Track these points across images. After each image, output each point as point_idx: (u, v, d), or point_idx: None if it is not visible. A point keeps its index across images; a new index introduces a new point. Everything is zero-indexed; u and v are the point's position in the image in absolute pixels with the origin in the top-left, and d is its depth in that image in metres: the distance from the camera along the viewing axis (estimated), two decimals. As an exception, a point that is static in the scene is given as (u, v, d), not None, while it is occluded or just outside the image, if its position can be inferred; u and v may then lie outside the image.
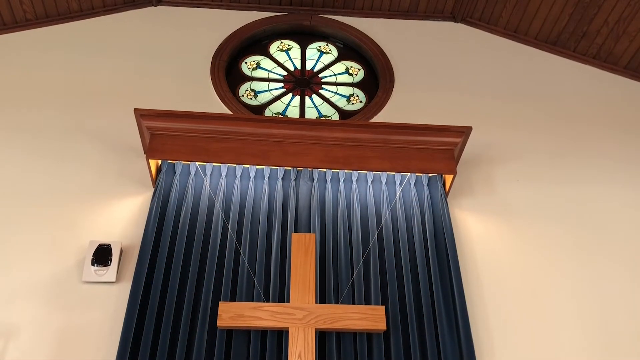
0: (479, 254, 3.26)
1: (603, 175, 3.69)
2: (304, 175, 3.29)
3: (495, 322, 3.03)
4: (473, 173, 3.61)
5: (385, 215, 3.17)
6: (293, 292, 2.80)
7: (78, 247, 3.09)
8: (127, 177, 3.38)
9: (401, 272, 3.01)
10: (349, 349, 2.73)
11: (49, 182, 3.32)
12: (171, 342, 2.71)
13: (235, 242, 3.01)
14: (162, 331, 2.70)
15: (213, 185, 3.21)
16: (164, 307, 2.79)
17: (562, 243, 3.35)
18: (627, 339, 3.04)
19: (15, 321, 2.83)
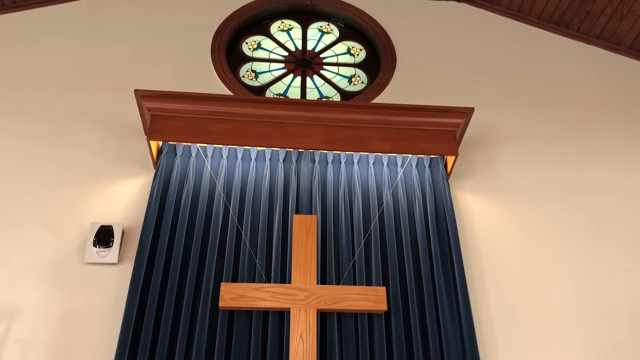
0: (480, 236, 3.26)
1: (606, 156, 3.68)
2: (305, 157, 3.28)
3: (495, 303, 3.04)
4: (475, 154, 3.60)
5: (387, 197, 3.17)
6: (294, 273, 2.81)
7: (80, 229, 3.10)
8: (128, 158, 3.38)
9: (402, 254, 3.02)
10: (350, 330, 2.75)
11: (50, 164, 3.32)
12: (173, 323, 2.73)
13: (237, 224, 3.01)
14: (164, 312, 2.71)
15: (214, 167, 3.21)
16: (166, 288, 2.80)
17: (563, 224, 3.36)
18: (626, 318, 3.05)
19: (18, 302, 2.84)
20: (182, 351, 2.62)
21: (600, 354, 2.94)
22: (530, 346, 2.93)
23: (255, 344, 2.66)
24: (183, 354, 2.61)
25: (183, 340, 2.65)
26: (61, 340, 2.76)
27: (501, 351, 2.90)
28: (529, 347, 2.93)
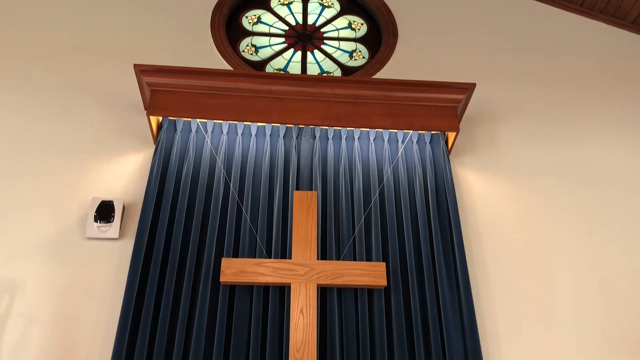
0: (480, 212, 3.27)
1: (607, 132, 3.67)
2: (306, 133, 3.27)
3: (494, 278, 3.06)
4: (476, 130, 3.59)
5: (387, 173, 3.17)
6: (295, 249, 2.83)
7: (80, 204, 3.11)
8: (128, 133, 3.37)
9: (402, 230, 3.03)
10: (350, 305, 2.77)
11: (50, 139, 3.31)
12: (174, 297, 2.75)
13: (238, 200, 3.02)
14: (165, 286, 2.73)
15: (214, 143, 3.20)
16: (167, 263, 2.82)
17: (563, 200, 3.36)
18: (623, 293, 3.08)
19: (21, 277, 2.86)
20: (183, 325, 2.64)
21: (598, 328, 2.97)
22: (529, 321, 2.96)
23: (256, 319, 2.68)
24: (184, 328, 2.64)
25: (184, 315, 2.67)
26: (63, 313, 2.79)
27: (500, 326, 2.93)
28: (527, 322, 2.96)
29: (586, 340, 2.93)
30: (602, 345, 2.93)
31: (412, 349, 2.73)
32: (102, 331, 2.76)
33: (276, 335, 2.67)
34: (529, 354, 2.88)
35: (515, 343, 2.90)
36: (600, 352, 2.91)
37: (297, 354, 2.56)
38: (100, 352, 2.71)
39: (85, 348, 2.72)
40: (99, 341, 2.74)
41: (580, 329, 2.96)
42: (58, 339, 2.73)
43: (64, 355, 2.69)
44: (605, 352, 2.91)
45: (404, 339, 2.71)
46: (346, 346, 2.67)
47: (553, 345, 2.91)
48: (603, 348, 2.92)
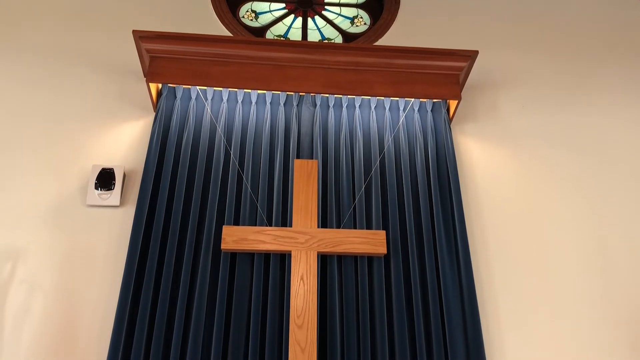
0: (481, 180, 3.27)
1: (611, 101, 3.65)
2: (306, 101, 3.25)
3: (494, 247, 3.08)
4: (477, 98, 3.57)
5: (388, 142, 3.16)
6: (295, 217, 2.84)
7: (81, 172, 3.11)
8: (128, 101, 3.35)
9: (402, 198, 3.04)
10: (350, 272, 2.79)
11: (49, 107, 3.30)
12: (176, 265, 2.77)
13: (238, 168, 3.01)
14: (166, 254, 2.75)
15: (214, 110, 3.18)
16: (168, 231, 2.83)
17: (563, 168, 3.36)
18: (622, 262, 3.10)
19: (23, 244, 2.88)
20: (184, 292, 2.67)
21: (596, 296, 3.00)
22: (527, 287, 2.99)
23: (257, 286, 2.71)
24: (186, 295, 2.67)
25: (186, 282, 2.70)
26: (65, 280, 2.82)
27: (499, 294, 2.96)
28: (526, 288, 2.99)
29: (584, 306, 2.97)
30: (600, 311, 2.96)
31: (410, 315, 2.76)
32: (104, 298, 2.79)
33: (277, 302, 2.69)
34: (527, 318, 2.91)
35: (513, 308, 2.93)
36: (598, 318, 2.94)
37: (297, 320, 2.59)
38: (102, 319, 2.75)
39: (88, 314, 2.75)
40: (101, 308, 2.77)
41: (577, 294, 2.99)
42: (60, 306, 2.76)
43: (67, 322, 2.73)
44: (603, 318, 2.94)
45: (403, 306, 2.73)
46: (346, 313, 2.70)
47: (551, 310, 2.94)
48: (601, 314, 2.95)
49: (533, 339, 2.87)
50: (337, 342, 2.63)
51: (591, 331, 2.91)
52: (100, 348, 2.69)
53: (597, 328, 2.92)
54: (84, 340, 2.70)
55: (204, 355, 2.59)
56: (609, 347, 2.88)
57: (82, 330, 2.72)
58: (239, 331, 2.63)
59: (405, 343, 2.66)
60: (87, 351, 2.68)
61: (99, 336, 2.71)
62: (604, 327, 2.93)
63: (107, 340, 2.70)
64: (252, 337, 2.60)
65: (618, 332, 2.92)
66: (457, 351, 2.66)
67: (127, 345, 2.57)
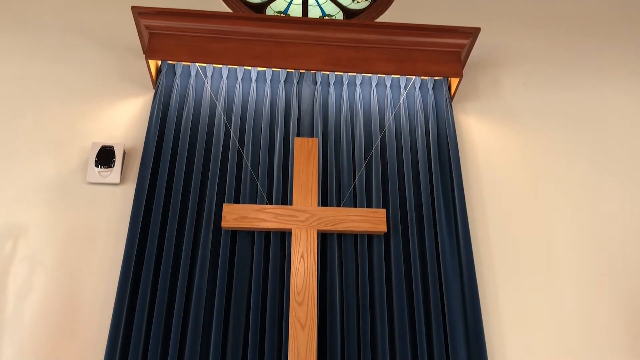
0: (481, 158, 3.27)
1: (614, 79, 3.62)
2: (307, 78, 3.23)
3: (494, 226, 3.09)
4: (479, 76, 3.54)
5: (389, 120, 3.15)
6: (296, 195, 2.84)
7: (81, 149, 3.10)
8: (127, 78, 3.33)
9: (403, 176, 3.04)
10: (350, 250, 2.80)
11: (48, 83, 3.28)
12: (177, 243, 2.78)
13: (238, 146, 3.01)
14: (167, 232, 2.76)
15: (214, 88, 3.17)
16: (169, 208, 2.83)
17: (565, 146, 3.35)
18: (622, 237, 3.11)
19: (24, 221, 2.89)
20: (185, 269, 2.68)
21: (595, 274, 3.01)
22: (526, 265, 3.01)
23: (258, 263, 2.72)
24: (187, 272, 2.68)
25: (186, 259, 2.71)
26: (67, 257, 2.83)
27: (498, 272, 2.98)
28: (525, 266, 3.00)
29: (583, 282, 2.99)
30: (599, 288, 2.98)
31: (410, 293, 2.78)
32: (105, 274, 2.81)
33: (277, 279, 2.71)
34: (526, 296, 2.93)
35: (512, 286, 2.95)
36: (597, 296, 2.96)
37: (297, 297, 2.61)
38: (104, 295, 2.76)
39: (90, 291, 2.77)
40: (102, 284, 2.79)
41: (576, 273, 3.01)
42: (62, 282, 2.78)
43: (68, 298, 2.75)
44: (602, 296, 2.97)
45: (403, 283, 2.75)
46: (346, 290, 2.72)
47: (549, 287, 2.96)
48: (600, 292, 2.97)
49: (532, 316, 2.90)
50: (337, 319, 2.65)
51: (591, 308, 2.94)
52: (102, 324, 2.71)
53: (596, 305, 2.95)
54: (85, 316, 2.72)
55: (204, 332, 2.62)
56: (608, 321, 2.91)
57: (84, 307, 2.74)
58: (239, 308, 2.65)
59: (404, 320, 2.68)
60: (89, 327, 2.70)
61: (101, 312, 2.73)
62: (604, 304, 2.95)
63: (109, 316, 2.72)
64: (252, 314, 2.62)
65: (617, 307, 2.94)
66: (456, 328, 2.69)
67: (128, 322, 2.60)
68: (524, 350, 2.82)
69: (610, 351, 2.85)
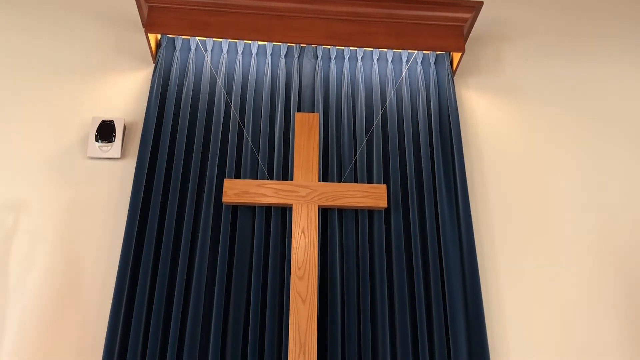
0: (483, 134, 3.26)
1: (617, 56, 3.59)
2: (308, 53, 3.20)
3: (494, 201, 3.10)
4: (481, 51, 3.51)
5: (390, 95, 3.13)
6: (296, 171, 2.84)
7: (80, 124, 3.09)
8: (126, 52, 3.30)
9: (404, 152, 3.03)
10: (351, 225, 2.82)
11: (46, 58, 3.25)
12: (178, 217, 2.79)
13: (239, 120, 3.00)
14: (168, 207, 2.77)
15: (214, 62, 3.14)
16: (170, 183, 2.84)
17: (566, 123, 3.34)
18: (622, 215, 3.12)
19: (25, 196, 2.90)
20: (187, 245, 2.70)
21: (595, 248, 3.03)
22: (527, 240, 3.02)
23: (259, 238, 2.74)
24: (188, 248, 2.70)
25: (187, 234, 2.72)
26: (69, 232, 2.84)
27: (497, 246, 2.99)
28: (525, 241, 3.02)
29: (583, 256, 3.00)
30: (599, 262, 3.00)
31: (410, 268, 2.80)
32: (106, 249, 2.82)
33: (278, 254, 2.73)
34: (525, 268, 2.95)
35: (511, 259, 2.97)
36: (597, 269, 2.98)
37: (298, 272, 2.63)
38: (106, 269, 2.78)
39: (91, 265, 2.79)
40: (104, 259, 2.81)
41: (576, 247, 3.02)
42: (64, 257, 2.80)
43: (71, 272, 2.77)
44: (602, 269, 2.99)
45: (403, 258, 2.77)
46: (346, 265, 2.74)
47: (549, 260, 2.98)
48: (599, 265, 2.99)
49: (531, 288, 2.92)
50: (337, 293, 2.67)
51: (590, 282, 2.96)
52: (104, 298, 2.74)
53: (596, 278, 2.97)
54: (87, 290, 2.75)
55: (206, 306, 2.64)
56: (607, 295, 2.93)
57: (86, 280, 2.76)
58: (240, 283, 2.67)
59: (404, 294, 2.70)
60: (91, 300, 2.73)
61: (103, 286, 2.76)
62: (603, 277, 2.97)
63: (111, 289, 2.75)
64: (253, 288, 2.64)
65: (616, 281, 2.97)
66: (455, 301, 2.71)
67: (130, 296, 2.62)
68: (522, 321, 2.85)
69: (610, 322, 2.88)
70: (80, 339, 2.67)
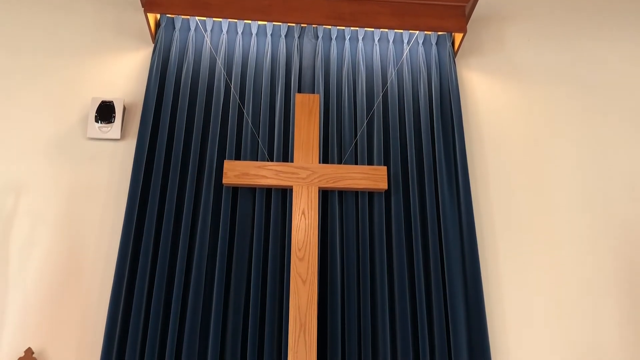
0: (484, 115, 3.25)
1: (620, 37, 3.56)
2: (308, 33, 3.17)
3: (495, 182, 3.09)
4: (483, 31, 3.48)
5: (391, 76, 3.11)
6: (297, 152, 2.83)
7: (80, 104, 3.08)
8: (126, 31, 3.27)
9: (404, 133, 3.03)
10: (351, 207, 2.82)
11: (46, 38, 3.22)
12: (178, 198, 2.79)
13: (239, 102, 2.98)
14: (169, 188, 2.77)
15: (214, 42, 3.12)
16: (170, 165, 2.84)
17: (569, 105, 3.32)
18: (623, 197, 3.12)
19: (25, 177, 2.90)
20: (187, 226, 2.70)
21: (595, 229, 3.04)
22: (527, 222, 3.03)
23: (259, 220, 2.74)
24: (189, 229, 2.70)
25: (188, 215, 2.73)
26: (69, 213, 2.85)
27: (497, 227, 3.00)
28: (526, 223, 3.02)
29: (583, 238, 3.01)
30: (599, 244, 3.01)
31: (410, 250, 2.81)
32: (108, 230, 2.83)
33: (278, 235, 2.73)
34: (525, 251, 2.96)
35: (511, 242, 2.98)
36: (597, 250, 3.00)
37: (298, 253, 2.64)
38: (107, 250, 2.80)
39: (92, 246, 2.80)
40: (105, 240, 2.81)
41: (577, 229, 3.03)
42: (64, 237, 2.80)
43: (71, 253, 2.78)
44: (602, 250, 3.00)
45: (403, 240, 2.78)
46: (346, 247, 2.75)
47: (549, 243, 2.99)
48: (599, 247, 3.01)
49: (531, 271, 2.93)
50: (337, 275, 2.69)
51: (590, 263, 2.97)
52: (105, 278, 2.75)
53: (596, 260, 2.98)
54: (88, 270, 2.76)
55: (206, 287, 2.66)
56: (607, 276, 2.95)
57: (86, 261, 2.77)
58: (241, 264, 2.68)
59: (404, 276, 2.72)
60: (92, 280, 2.74)
61: (104, 267, 2.77)
62: (603, 258, 2.98)
63: (112, 270, 2.75)
64: (254, 269, 2.65)
65: (618, 262, 2.98)
66: (455, 284, 2.72)
67: (131, 276, 2.64)
68: (522, 305, 2.87)
69: (610, 303, 2.90)
70: (81, 318, 2.69)
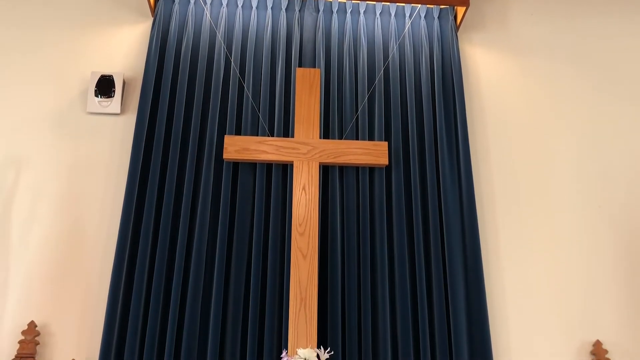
0: (486, 90, 3.22)
1: (622, 12, 3.51)
2: (309, 6, 3.14)
3: (496, 159, 3.09)
4: (486, 6, 3.44)
5: (393, 50, 3.08)
6: (297, 127, 2.82)
7: (80, 78, 3.06)
8: (125, 4, 3.22)
9: (406, 109, 3.01)
10: (351, 182, 2.82)
11: (44, 12, 3.18)
12: (179, 173, 2.79)
13: (239, 76, 2.96)
14: (169, 163, 2.76)
15: (214, 15, 3.08)
16: (170, 139, 2.83)
17: (571, 80, 3.30)
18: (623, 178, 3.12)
19: (26, 152, 2.89)
20: (188, 202, 2.71)
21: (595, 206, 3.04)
22: (527, 198, 3.03)
23: (259, 195, 2.74)
24: (189, 205, 2.71)
25: (189, 190, 2.73)
26: (70, 188, 2.85)
27: (498, 203, 3.00)
28: (526, 199, 3.03)
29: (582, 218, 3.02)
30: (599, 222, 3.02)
31: (410, 224, 2.82)
32: (109, 204, 2.83)
33: (279, 210, 2.74)
34: (525, 227, 2.97)
35: (511, 217, 2.98)
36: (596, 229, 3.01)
37: (299, 228, 2.65)
38: (108, 224, 2.80)
39: (93, 221, 2.81)
40: (106, 214, 2.82)
41: (577, 205, 3.04)
42: (65, 212, 2.81)
43: (72, 228, 2.79)
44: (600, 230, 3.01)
45: (403, 216, 2.79)
46: (347, 222, 2.76)
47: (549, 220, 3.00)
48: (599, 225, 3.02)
49: (530, 247, 2.95)
50: (337, 249, 2.70)
51: (590, 240, 2.98)
52: (106, 253, 2.76)
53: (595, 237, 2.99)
54: (90, 245, 2.77)
55: (207, 262, 2.67)
56: (607, 253, 2.96)
57: (88, 236, 2.78)
58: (242, 239, 2.69)
59: (404, 250, 2.73)
60: (94, 256, 2.76)
61: (106, 240, 2.78)
62: (603, 236, 2.99)
63: (113, 245, 2.75)
64: (254, 244, 2.67)
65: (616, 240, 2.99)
66: (455, 256, 2.73)
67: (132, 252, 2.65)
68: (521, 280, 2.89)
69: (609, 282, 2.92)
70: (83, 292, 2.70)
